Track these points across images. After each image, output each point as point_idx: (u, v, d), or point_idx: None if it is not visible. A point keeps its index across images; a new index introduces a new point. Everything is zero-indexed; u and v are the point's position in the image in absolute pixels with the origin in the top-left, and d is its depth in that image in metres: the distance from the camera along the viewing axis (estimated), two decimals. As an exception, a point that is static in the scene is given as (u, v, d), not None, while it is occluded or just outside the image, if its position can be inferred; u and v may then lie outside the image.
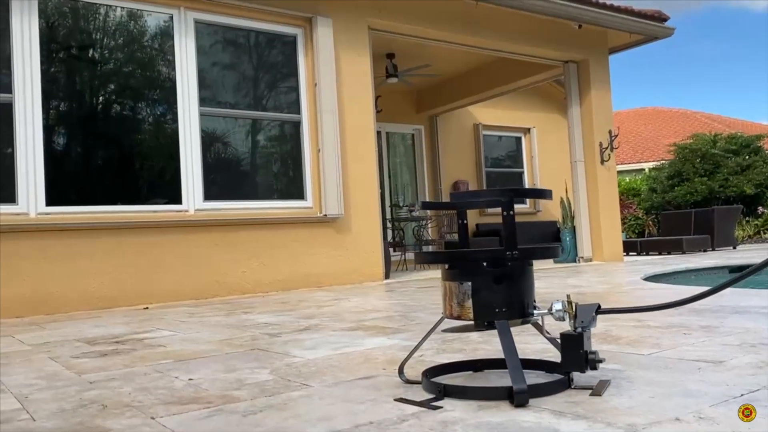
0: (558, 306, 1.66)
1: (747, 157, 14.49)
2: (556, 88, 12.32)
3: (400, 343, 2.60)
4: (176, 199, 5.90)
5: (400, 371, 1.88)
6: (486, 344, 2.43)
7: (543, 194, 1.67)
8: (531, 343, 2.37)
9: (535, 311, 1.69)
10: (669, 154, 16.34)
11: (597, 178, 8.92)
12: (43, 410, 1.77)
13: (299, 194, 6.69)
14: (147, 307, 5.23)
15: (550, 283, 5.43)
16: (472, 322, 1.70)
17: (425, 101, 11.50)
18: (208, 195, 6.07)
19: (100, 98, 5.88)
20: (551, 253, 1.68)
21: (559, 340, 1.81)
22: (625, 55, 9.64)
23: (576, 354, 1.60)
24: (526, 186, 12.72)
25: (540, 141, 12.71)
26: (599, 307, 1.65)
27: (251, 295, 5.94)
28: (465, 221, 1.91)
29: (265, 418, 1.56)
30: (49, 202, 5.29)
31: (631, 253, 10.84)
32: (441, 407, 1.55)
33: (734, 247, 11.29)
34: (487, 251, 1.62)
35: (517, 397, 1.49)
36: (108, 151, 5.83)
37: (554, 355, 1.98)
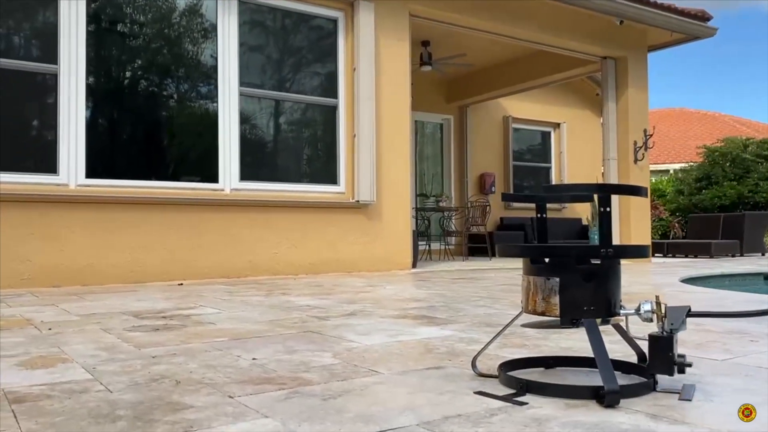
0: (647, 306, 1.62)
1: (778, 163, 14.22)
2: (589, 84, 12.17)
3: (456, 334, 2.58)
4: (213, 177, 5.91)
5: (473, 364, 1.85)
6: (545, 340, 2.40)
7: (638, 191, 1.63)
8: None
9: (621, 311, 1.65)
10: (697, 156, 16.12)
11: (629, 177, 8.81)
12: (116, 382, 1.77)
13: (333, 179, 6.67)
14: (181, 284, 5.26)
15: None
16: (554, 319, 1.67)
17: (456, 91, 11.41)
18: (244, 175, 6.07)
19: (141, 74, 5.87)
20: (643, 252, 1.64)
21: (637, 341, 1.78)
22: (654, 53, 9.42)
23: (665, 356, 1.57)
24: (553, 181, 12.61)
25: (569, 137, 12.58)
26: (690, 309, 1.61)
27: (282, 277, 5.95)
28: (544, 215, 1.87)
29: (347, 403, 1.54)
30: (89, 174, 5.31)
31: (657, 255, 10.73)
32: (526, 403, 1.52)
33: (763, 254, 11.13)
34: (581, 248, 1.58)
35: (608, 398, 1.46)
36: (147, 126, 5.84)
37: (623, 355, 1.94)
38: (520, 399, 1.55)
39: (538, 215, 1.89)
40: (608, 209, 1.54)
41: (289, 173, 6.55)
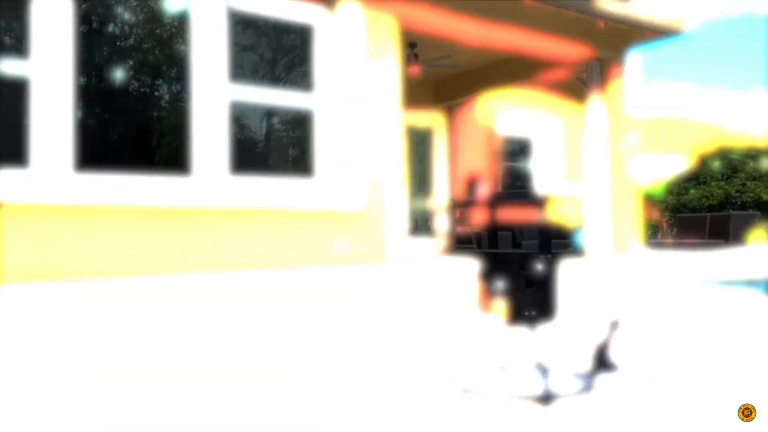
0: (584, 313, 1.67)
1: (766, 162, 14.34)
2: (576, 85, 12.24)
3: (420, 336, 2.62)
4: (190, 181, 5.92)
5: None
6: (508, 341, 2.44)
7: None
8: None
9: (561, 315, 1.70)
10: (686, 156, 16.22)
11: (613, 179, 8.86)
12: None
13: (316, 183, 6.70)
14: (164, 286, 5.28)
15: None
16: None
17: (444, 92, 11.47)
18: (224, 179, 6.08)
19: (121, 74, 5.89)
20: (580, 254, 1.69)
21: (581, 345, 1.83)
22: (646, 55, 9.55)
23: (600, 361, 1.62)
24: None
25: (557, 138, 12.64)
26: (618, 321, 1.66)
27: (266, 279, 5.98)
28: (496, 220, 1.92)
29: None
30: (75, 173, 5.32)
31: (644, 255, 10.80)
32: (467, 404, 1.57)
33: (748, 254, 11.22)
34: (520, 253, 1.63)
35: (543, 399, 1.51)
36: (123, 127, 5.85)
37: (576, 358, 2.00)
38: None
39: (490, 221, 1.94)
40: (543, 215, 1.59)
41: (272, 176, 6.57)
